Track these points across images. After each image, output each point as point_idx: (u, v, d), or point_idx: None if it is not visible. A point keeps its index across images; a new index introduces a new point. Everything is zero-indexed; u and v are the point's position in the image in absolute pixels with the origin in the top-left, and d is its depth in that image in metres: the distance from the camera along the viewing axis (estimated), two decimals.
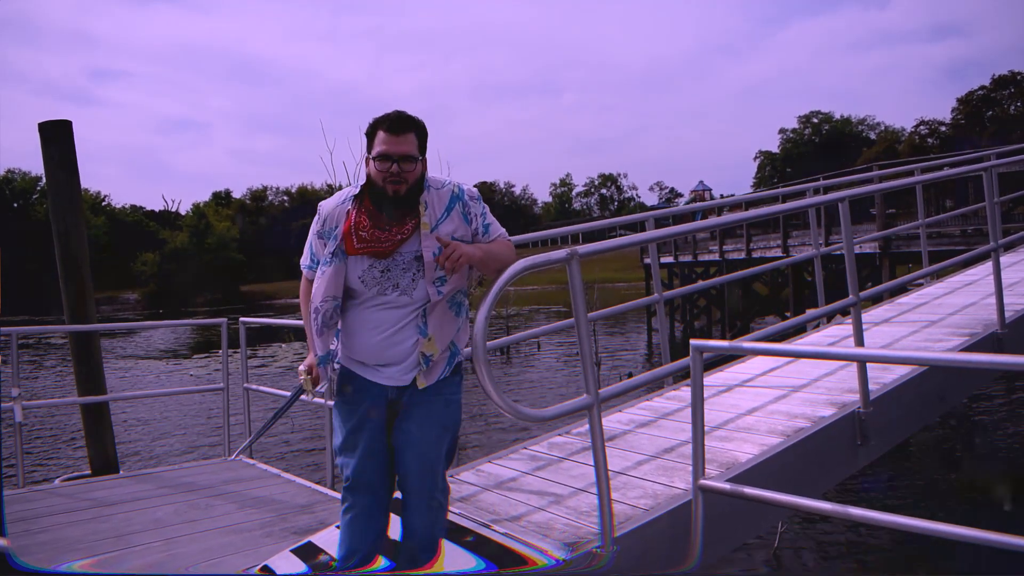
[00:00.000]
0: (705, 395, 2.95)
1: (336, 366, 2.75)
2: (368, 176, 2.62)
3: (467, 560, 2.91)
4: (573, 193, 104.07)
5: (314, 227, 2.72)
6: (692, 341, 2.82)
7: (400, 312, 2.62)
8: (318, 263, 2.69)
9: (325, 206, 2.72)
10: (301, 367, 2.76)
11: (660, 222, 5.73)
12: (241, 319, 5.96)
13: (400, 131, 2.53)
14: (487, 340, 2.59)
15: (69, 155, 6.63)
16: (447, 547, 2.98)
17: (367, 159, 2.60)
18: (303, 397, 2.81)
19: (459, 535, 3.10)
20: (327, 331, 2.69)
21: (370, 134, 2.59)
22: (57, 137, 6.63)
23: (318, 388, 2.77)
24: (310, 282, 2.74)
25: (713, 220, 4.80)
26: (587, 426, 2.84)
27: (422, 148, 2.61)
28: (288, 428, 10.79)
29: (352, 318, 2.69)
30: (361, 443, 2.70)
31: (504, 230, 2.79)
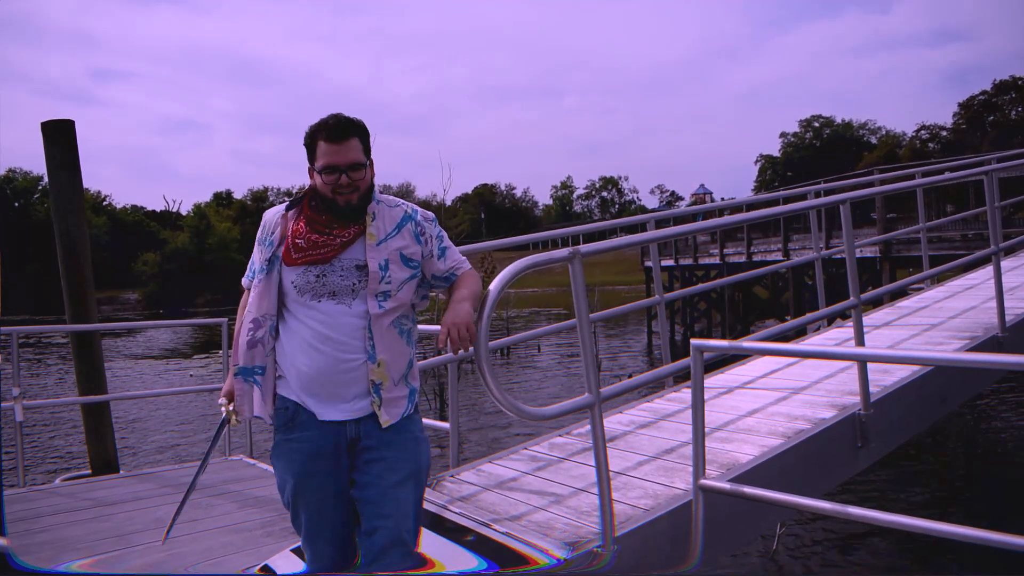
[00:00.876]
0: (705, 397, 2.96)
1: (274, 399, 2.41)
2: (313, 188, 2.42)
3: (467, 560, 2.92)
4: (574, 196, 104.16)
5: (258, 237, 2.50)
6: (692, 341, 2.83)
7: (340, 325, 2.33)
8: (255, 272, 2.47)
9: (267, 214, 2.52)
10: (221, 396, 2.49)
11: (661, 224, 5.75)
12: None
13: (342, 138, 2.33)
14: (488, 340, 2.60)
15: (71, 154, 6.64)
16: (447, 547, 2.99)
17: (310, 171, 2.41)
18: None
19: (460, 535, 3.11)
20: (255, 349, 2.39)
21: (309, 144, 2.38)
22: (59, 137, 6.65)
23: (245, 415, 2.43)
24: (246, 294, 2.50)
25: (714, 221, 4.82)
26: (587, 427, 2.85)
27: (367, 151, 2.41)
28: None
29: (287, 336, 2.39)
30: (314, 490, 2.37)
31: (465, 258, 2.56)
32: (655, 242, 4.65)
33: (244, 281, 2.52)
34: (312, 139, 2.37)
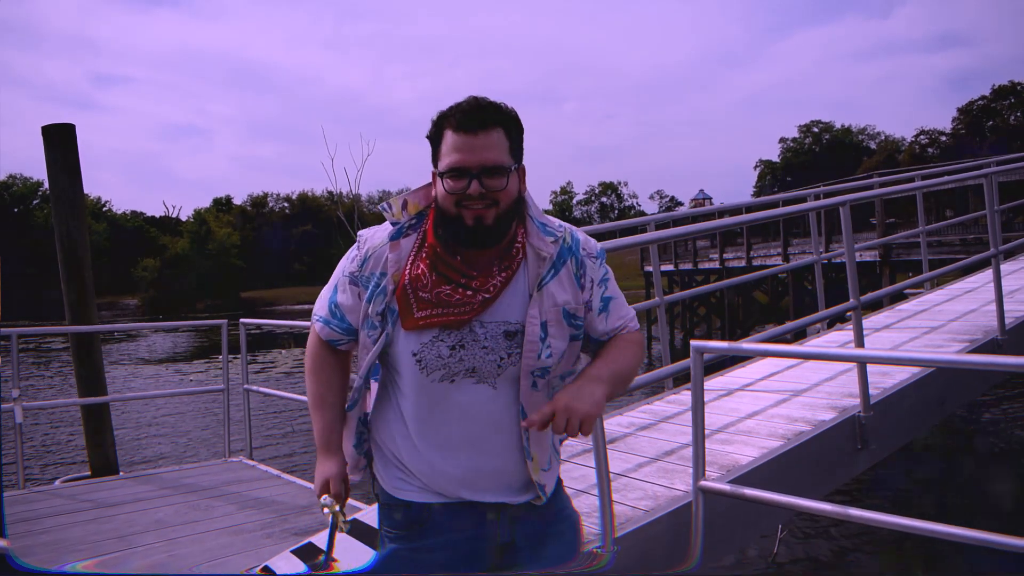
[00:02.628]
0: (705, 399, 2.96)
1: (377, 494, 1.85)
2: (435, 201, 1.71)
3: None
4: (574, 201, 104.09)
5: (346, 263, 1.78)
6: (692, 342, 2.83)
7: (480, 417, 1.71)
8: (340, 319, 1.79)
9: (370, 238, 1.76)
10: (320, 494, 1.86)
11: (661, 227, 5.75)
12: (241, 320, 5.97)
13: (477, 127, 1.63)
14: None
15: (72, 158, 6.65)
16: None
17: (433, 175, 1.72)
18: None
19: None
20: (350, 418, 1.84)
21: (434, 137, 1.69)
22: (60, 140, 6.66)
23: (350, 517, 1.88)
24: (324, 345, 1.85)
25: (715, 222, 4.83)
26: None
27: (516, 150, 1.70)
28: (289, 429, 10.80)
29: (393, 416, 1.76)
30: None
31: (633, 315, 1.89)
32: (655, 243, 4.66)
33: (317, 324, 1.84)
34: (438, 128, 1.68)
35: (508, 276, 1.68)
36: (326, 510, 1.83)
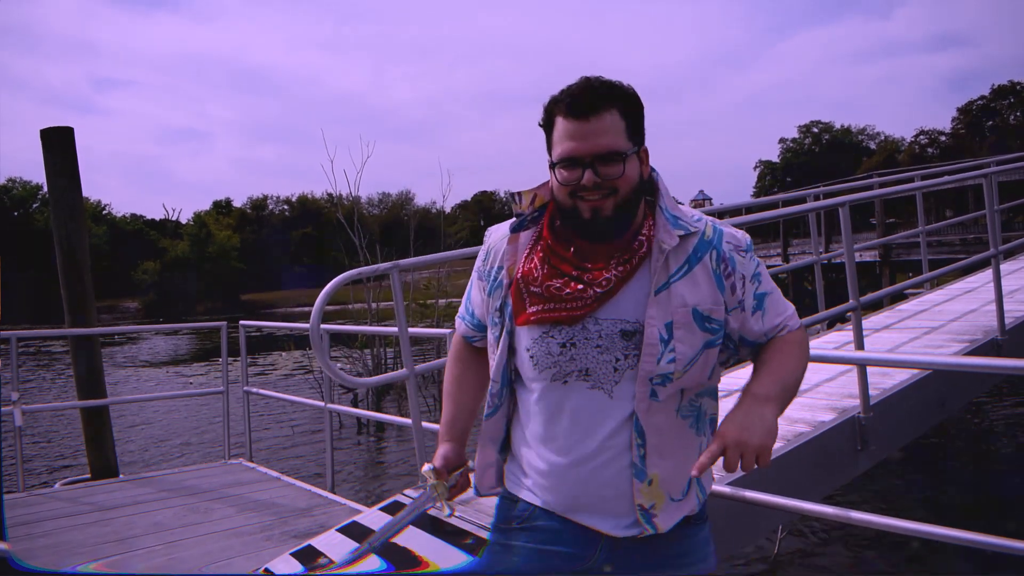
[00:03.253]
0: None
1: (499, 489, 1.73)
2: (552, 193, 1.61)
3: (466, 562, 2.92)
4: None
5: (477, 260, 1.75)
6: None
7: (594, 424, 1.55)
8: (471, 314, 1.80)
9: (493, 232, 1.73)
10: (426, 466, 1.72)
11: None
12: (241, 322, 5.97)
13: (589, 111, 1.50)
14: None
15: (71, 161, 6.66)
16: (446, 549, 2.99)
17: (550, 166, 1.59)
18: (429, 511, 1.73)
19: (458, 537, 3.11)
20: (492, 423, 1.68)
21: (546, 125, 1.59)
22: (59, 144, 6.66)
23: (484, 488, 1.74)
24: (461, 340, 1.84)
25: None
26: None
27: (636, 134, 1.56)
28: (288, 431, 10.80)
29: (520, 415, 1.67)
30: None
31: (792, 311, 1.69)
32: None
33: (458, 321, 1.85)
34: (549, 115, 1.57)
35: (626, 271, 1.53)
36: (430, 480, 1.71)
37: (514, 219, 1.67)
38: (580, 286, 1.53)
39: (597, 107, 1.51)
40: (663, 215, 1.58)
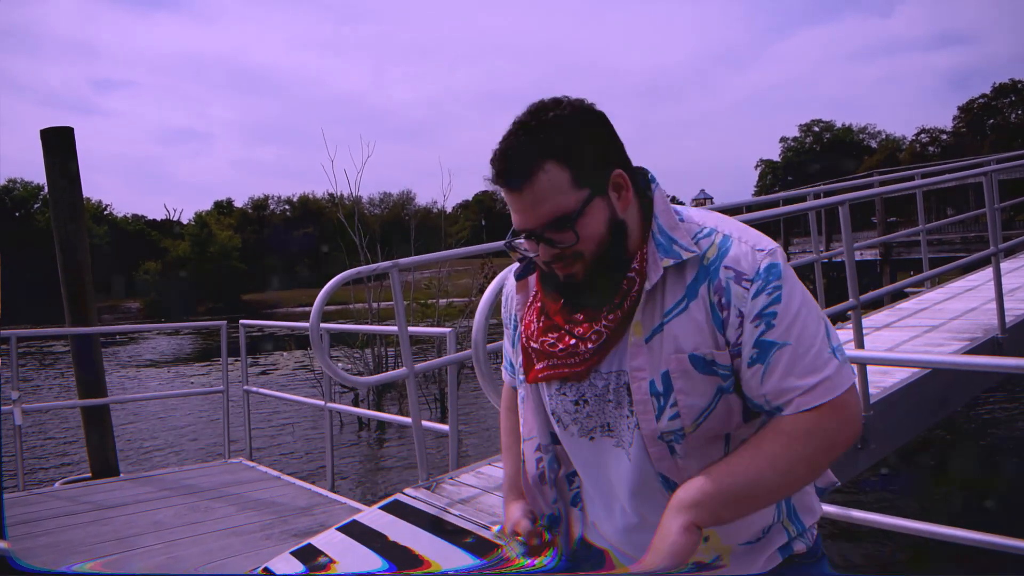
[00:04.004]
0: None
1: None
2: None
3: (466, 561, 2.92)
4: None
5: (503, 312, 1.62)
6: None
7: (624, 479, 1.37)
8: (511, 365, 1.61)
9: (507, 276, 1.57)
10: (498, 528, 1.60)
11: None
12: (241, 322, 5.97)
13: (519, 181, 1.26)
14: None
15: (71, 162, 6.66)
16: (447, 549, 2.99)
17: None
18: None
19: (459, 537, 3.11)
20: (541, 485, 1.51)
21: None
22: (59, 144, 6.67)
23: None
24: (509, 388, 1.68)
25: None
26: None
27: (589, 176, 1.27)
28: (288, 431, 10.80)
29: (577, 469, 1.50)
30: None
31: (822, 372, 1.23)
32: None
33: (503, 371, 1.69)
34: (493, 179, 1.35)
35: (619, 317, 1.31)
36: (507, 543, 1.53)
37: (517, 264, 1.47)
38: (573, 341, 1.34)
39: (524, 173, 1.25)
40: (655, 240, 1.31)
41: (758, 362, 1.23)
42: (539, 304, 1.41)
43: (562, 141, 1.26)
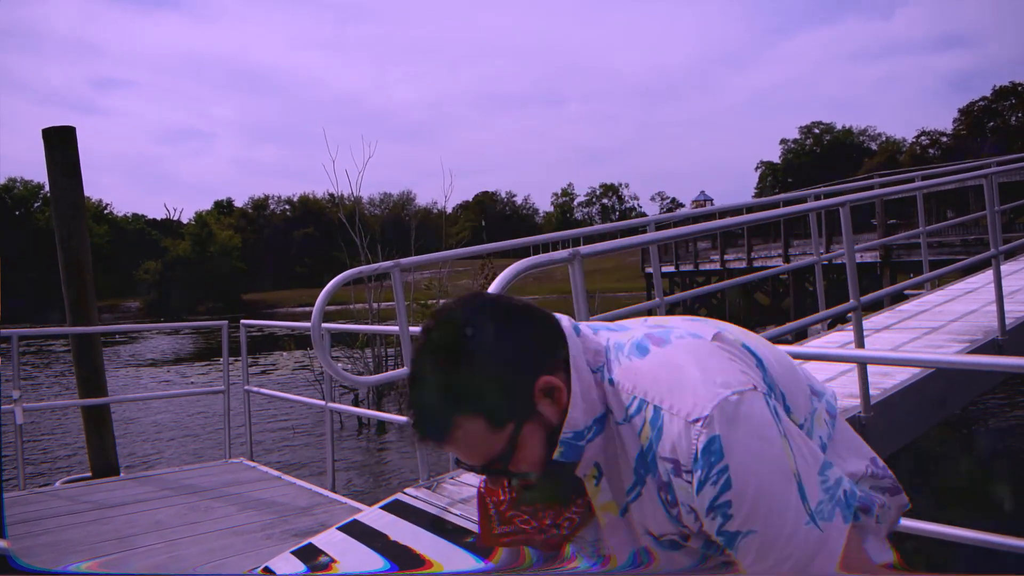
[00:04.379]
0: None
1: None
2: None
3: (467, 560, 2.92)
4: (575, 203, 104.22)
5: None
6: None
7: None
8: None
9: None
10: None
11: (661, 228, 5.75)
12: (242, 321, 5.97)
13: (439, 441, 1.17)
14: None
15: (72, 160, 6.66)
16: (447, 548, 2.99)
17: None
18: None
19: (460, 536, 3.11)
20: None
21: None
22: (61, 143, 6.66)
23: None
24: None
25: (715, 222, 4.84)
26: None
27: (506, 412, 1.14)
28: (289, 431, 10.81)
29: None
30: None
31: (800, 547, 1.06)
32: (656, 244, 4.66)
33: None
34: None
35: (586, 503, 1.24)
36: None
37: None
38: (548, 522, 1.28)
39: (440, 433, 1.15)
40: (613, 412, 1.17)
41: (728, 546, 1.11)
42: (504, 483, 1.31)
43: (469, 389, 1.12)
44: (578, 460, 1.18)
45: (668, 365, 1.13)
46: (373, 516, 3.44)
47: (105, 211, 69.51)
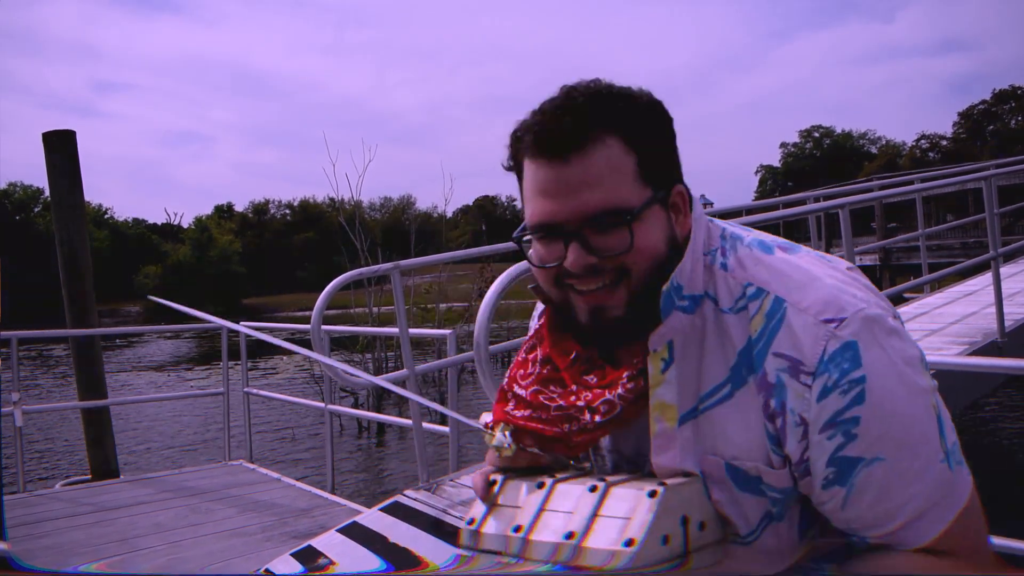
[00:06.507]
0: None
1: None
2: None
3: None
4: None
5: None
6: None
7: None
8: None
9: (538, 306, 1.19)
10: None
11: None
12: (242, 323, 5.98)
13: (570, 146, 0.93)
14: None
15: (72, 164, 6.68)
16: (447, 550, 2.99)
17: (515, 240, 1.06)
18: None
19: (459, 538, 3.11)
20: None
21: (515, 168, 1.03)
22: (61, 147, 6.69)
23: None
24: None
25: None
26: None
27: (655, 171, 0.97)
28: (288, 433, 10.81)
29: None
30: None
31: (934, 496, 0.89)
32: None
33: None
34: (515, 155, 1.01)
35: (640, 387, 0.98)
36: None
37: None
38: (577, 402, 1.00)
39: (582, 139, 0.92)
40: (673, 284, 0.95)
41: (836, 484, 0.90)
42: (544, 349, 1.07)
43: (631, 119, 0.95)
44: (661, 321, 0.95)
45: (798, 268, 0.96)
46: (372, 518, 3.43)
47: (105, 215, 69.48)
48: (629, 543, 0.86)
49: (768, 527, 0.96)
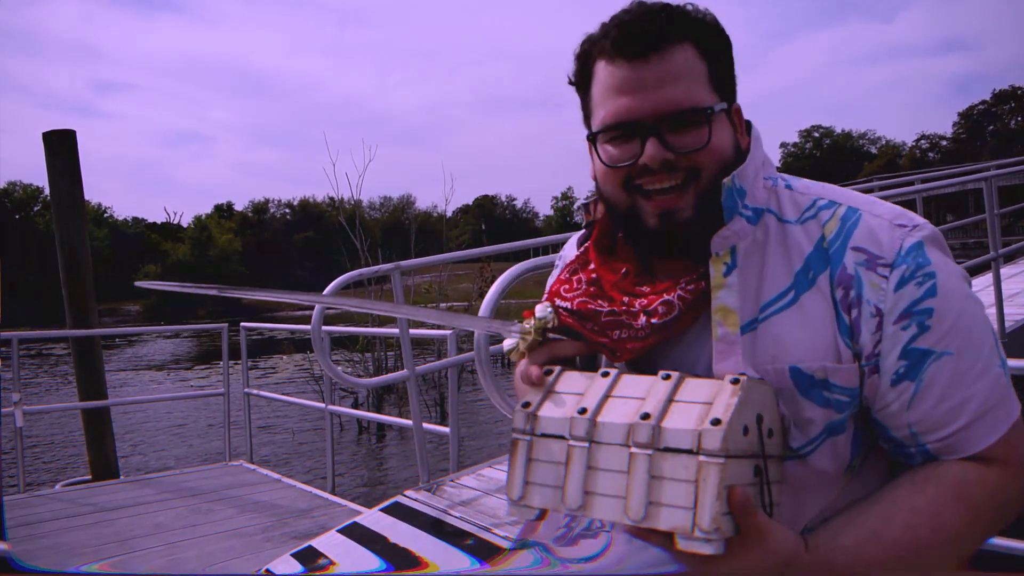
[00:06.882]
0: None
1: None
2: (598, 189, 1.06)
3: (466, 563, 2.92)
4: (575, 207, 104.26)
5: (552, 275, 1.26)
6: None
7: None
8: None
9: (567, 245, 1.24)
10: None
11: None
12: (242, 324, 5.99)
13: (650, 47, 0.95)
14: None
15: (72, 163, 6.68)
16: (447, 550, 3.00)
17: (588, 140, 1.03)
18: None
19: (460, 538, 3.11)
20: None
21: (582, 77, 1.03)
22: (61, 146, 6.69)
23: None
24: None
25: None
26: None
27: (723, 83, 1.01)
28: (288, 434, 10.80)
29: None
30: None
31: (999, 397, 0.93)
32: None
33: None
34: (586, 60, 1.02)
35: (701, 289, 0.97)
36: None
37: (583, 231, 1.15)
38: (630, 308, 0.98)
39: (661, 40, 0.94)
40: (724, 190, 0.96)
41: (906, 379, 0.91)
42: (589, 274, 1.06)
43: (705, 33, 0.99)
44: (727, 221, 0.96)
45: (861, 195, 1.03)
46: (373, 518, 3.44)
47: (105, 215, 69.47)
48: (716, 423, 0.83)
49: (826, 441, 0.95)
